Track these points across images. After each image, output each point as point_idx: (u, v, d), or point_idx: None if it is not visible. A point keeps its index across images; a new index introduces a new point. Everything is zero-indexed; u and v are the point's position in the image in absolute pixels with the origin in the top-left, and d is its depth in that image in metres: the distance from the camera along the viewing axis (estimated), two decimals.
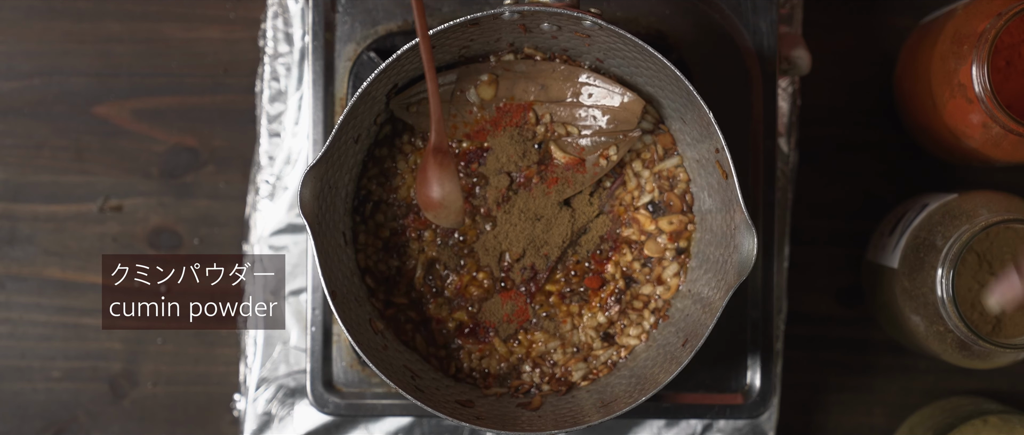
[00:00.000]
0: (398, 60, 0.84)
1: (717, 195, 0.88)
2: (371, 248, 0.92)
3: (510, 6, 0.84)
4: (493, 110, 0.91)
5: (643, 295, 0.92)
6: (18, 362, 1.07)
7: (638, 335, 0.92)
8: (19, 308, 1.07)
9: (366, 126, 0.89)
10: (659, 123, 0.92)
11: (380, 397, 0.95)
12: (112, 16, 1.07)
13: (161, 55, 1.07)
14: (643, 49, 0.83)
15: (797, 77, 1.03)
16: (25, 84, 1.07)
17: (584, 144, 0.91)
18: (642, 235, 0.92)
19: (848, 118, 1.07)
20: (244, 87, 1.06)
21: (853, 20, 1.07)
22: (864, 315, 1.07)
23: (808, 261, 1.06)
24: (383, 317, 0.91)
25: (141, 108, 1.07)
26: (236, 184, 1.06)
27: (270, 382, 1.03)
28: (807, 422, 1.08)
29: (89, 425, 1.07)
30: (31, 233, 1.07)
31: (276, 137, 1.03)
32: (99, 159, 1.07)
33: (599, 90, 0.90)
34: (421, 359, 0.91)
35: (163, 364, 1.07)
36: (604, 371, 0.91)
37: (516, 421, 0.87)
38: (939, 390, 1.08)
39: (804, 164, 1.05)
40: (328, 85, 0.95)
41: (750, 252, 0.81)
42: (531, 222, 0.91)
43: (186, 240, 1.07)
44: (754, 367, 0.95)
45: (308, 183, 0.82)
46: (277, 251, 1.02)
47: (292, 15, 1.03)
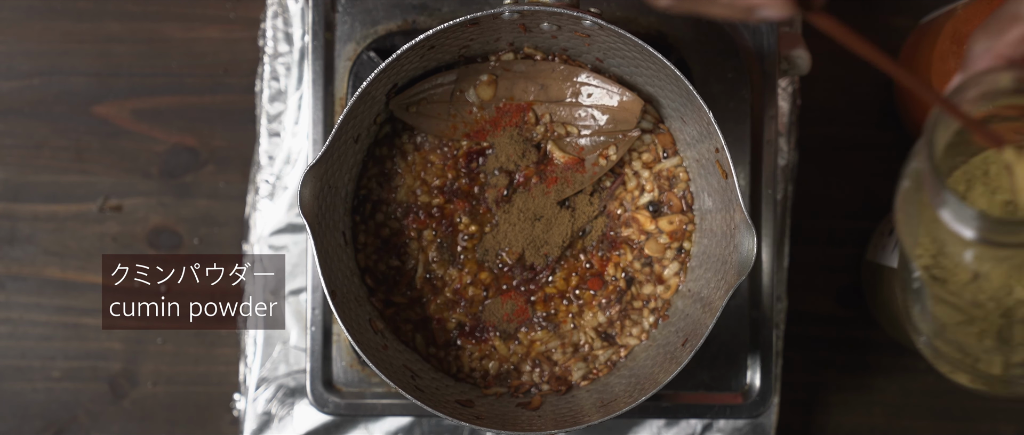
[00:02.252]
0: (398, 60, 0.84)
1: (717, 195, 0.88)
2: (371, 248, 0.92)
3: (510, 6, 0.84)
4: (493, 110, 0.91)
5: (643, 295, 0.92)
6: (18, 362, 1.07)
7: (638, 335, 0.92)
8: (19, 308, 1.07)
9: (366, 126, 0.89)
10: (659, 123, 0.92)
11: (380, 397, 0.95)
12: (112, 16, 1.07)
13: (161, 55, 1.07)
14: (643, 49, 0.83)
15: (797, 77, 1.03)
16: (25, 84, 1.07)
17: (583, 144, 0.91)
18: (642, 235, 0.92)
19: (848, 118, 1.07)
20: (244, 87, 1.06)
21: (853, 20, 1.07)
22: (864, 315, 1.07)
23: (808, 261, 1.06)
24: (383, 317, 0.91)
25: (141, 108, 1.07)
26: (236, 184, 1.07)
27: (270, 382, 1.03)
28: (807, 422, 1.08)
29: (89, 425, 1.07)
30: (31, 233, 1.07)
31: (276, 137, 1.03)
32: (99, 159, 1.07)
33: (599, 90, 0.90)
34: (421, 359, 0.91)
35: (163, 364, 1.07)
36: (604, 371, 0.91)
37: (516, 421, 0.87)
38: (939, 390, 1.08)
39: (804, 164, 1.05)
40: (328, 85, 0.95)
41: (750, 252, 0.81)
42: (530, 222, 0.91)
43: (186, 240, 1.07)
44: (754, 367, 0.95)
45: (308, 183, 0.82)
46: (277, 251, 1.02)
47: (292, 15, 1.03)
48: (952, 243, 0.68)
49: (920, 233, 0.70)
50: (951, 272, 0.70)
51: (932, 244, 0.70)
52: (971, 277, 0.69)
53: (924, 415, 1.08)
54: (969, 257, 0.68)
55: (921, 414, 1.08)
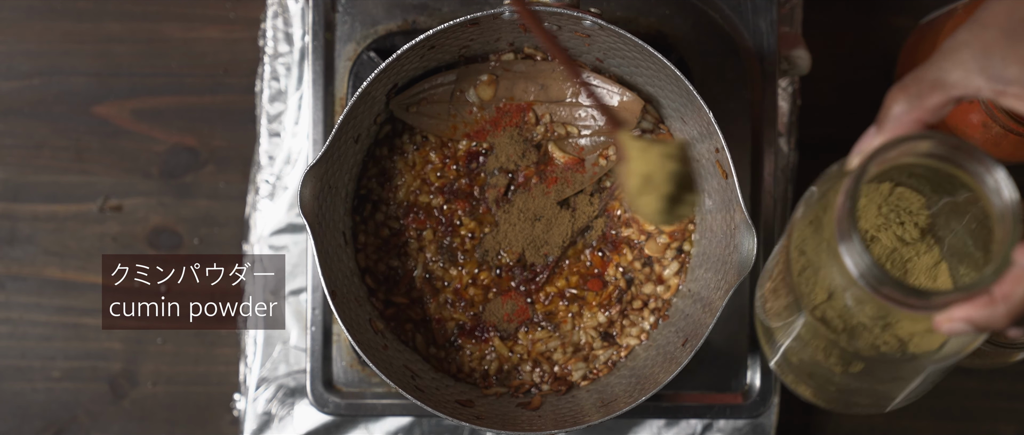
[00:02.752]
0: (398, 60, 0.84)
1: (717, 195, 0.88)
2: (371, 248, 0.92)
3: (510, 6, 0.84)
4: (493, 110, 0.91)
5: (643, 295, 0.92)
6: (18, 362, 1.07)
7: (638, 335, 0.92)
8: (19, 308, 1.07)
9: (366, 126, 0.89)
10: (659, 123, 0.92)
11: (380, 397, 0.95)
12: (112, 16, 1.07)
13: (161, 55, 1.07)
14: (643, 49, 0.84)
15: (797, 77, 1.03)
16: (25, 84, 1.07)
17: (583, 144, 0.91)
18: (642, 235, 0.92)
19: (848, 118, 1.07)
20: (244, 87, 1.06)
21: (853, 20, 1.07)
22: None
23: None
24: (383, 317, 0.91)
25: (141, 108, 1.07)
26: (236, 184, 1.06)
27: (270, 382, 1.03)
28: (807, 422, 1.08)
29: (89, 425, 1.07)
30: (31, 233, 1.07)
31: (276, 137, 1.03)
32: (99, 159, 1.07)
33: (599, 90, 0.90)
34: (421, 359, 0.91)
35: (163, 364, 1.07)
36: (604, 371, 0.91)
37: (516, 421, 0.87)
38: (939, 390, 1.08)
39: (804, 164, 1.05)
40: (328, 85, 0.95)
41: (750, 252, 0.81)
42: (530, 222, 0.91)
43: (186, 240, 1.07)
44: (754, 367, 0.95)
45: (308, 183, 0.82)
46: (277, 251, 1.02)
47: (292, 15, 1.03)
48: (828, 269, 0.70)
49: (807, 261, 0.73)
50: (813, 286, 0.72)
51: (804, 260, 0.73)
52: (827, 296, 0.71)
53: (924, 415, 1.08)
54: (839, 282, 0.70)
55: (921, 414, 1.08)
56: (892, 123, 0.70)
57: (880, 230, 0.72)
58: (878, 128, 0.70)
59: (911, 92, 0.69)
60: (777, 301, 0.77)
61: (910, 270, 0.72)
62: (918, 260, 0.72)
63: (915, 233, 0.72)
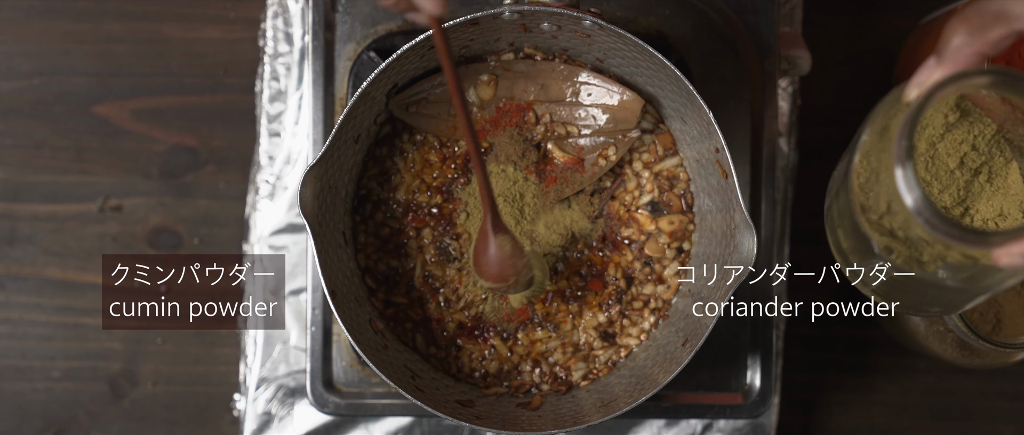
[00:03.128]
0: (398, 60, 0.84)
1: (717, 195, 0.88)
2: (371, 248, 0.92)
3: (510, 6, 0.84)
4: (493, 110, 0.91)
5: (643, 295, 0.92)
6: (18, 362, 1.07)
7: (638, 335, 0.92)
8: (19, 308, 1.07)
9: (366, 126, 0.89)
10: (659, 123, 0.92)
11: (380, 397, 0.95)
12: (112, 16, 1.07)
13: (161, 55, 1.07)
14: (643, 49, 0.83)
15: (797, 77, 1.03)
16: (25, 84, 1.07)
17: (583, 144, 0.91)
18: (642, 235, 0.92)
19: (848, 118, 1.07)
20: (244, 87, 1.06)
21: (853, 20, 1.07)
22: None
23: (808, 261, 1.06)
24: (383, 317, 0.91)
25: (141, 108, 1.07)
26: (236, 184, 1.07)
27: (270, 382, 1.03)
28: (807, 422, 1.08)
29: (89, 425, 1.07)
30: (31, 233, 1.07)
31: (276, 137, 1.03)
32: (99, 159, 1.07)
33: (599, 89, 0.90)
34: (421, 359, 0.91)
35: (163, 364, 1.07)
36: (604, 371, 0.91)
37: (516, 421, 0.87)
38: (939, 390, 1.08)
39: (804, 164, 1.05)
40: (328, 85, 0.95)
41: (750, 252, 0.81)
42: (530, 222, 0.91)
43: (186, 240, 1.07)
44: (754, 367, 0.95)
45: (308, 183, 0.82)
46: (277, 251, 1.02)
47: (292, 15, 1.03)
48: (887, 182, 0.70)
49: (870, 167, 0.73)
50: (875, 200, 0.72)
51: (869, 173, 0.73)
52: (887, 208, 0.71)
53: (924, 415, 1.08)
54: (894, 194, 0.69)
55: (921, 414, 1.08)
56: (952, 55, 0.68)
57: (949, 130, 0.71)
58: (937, 60, 0.68)
59: (973, 24, 0.67)
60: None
61: (982, 170, 0.71)
62: (991, 162, 0.71)
63: (988, 132, 0.71)
